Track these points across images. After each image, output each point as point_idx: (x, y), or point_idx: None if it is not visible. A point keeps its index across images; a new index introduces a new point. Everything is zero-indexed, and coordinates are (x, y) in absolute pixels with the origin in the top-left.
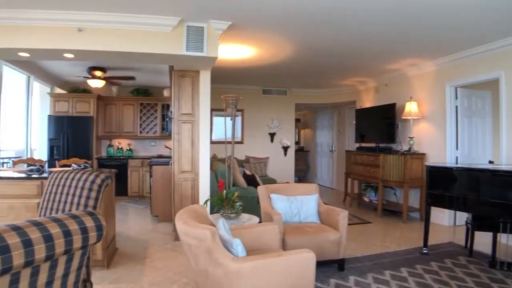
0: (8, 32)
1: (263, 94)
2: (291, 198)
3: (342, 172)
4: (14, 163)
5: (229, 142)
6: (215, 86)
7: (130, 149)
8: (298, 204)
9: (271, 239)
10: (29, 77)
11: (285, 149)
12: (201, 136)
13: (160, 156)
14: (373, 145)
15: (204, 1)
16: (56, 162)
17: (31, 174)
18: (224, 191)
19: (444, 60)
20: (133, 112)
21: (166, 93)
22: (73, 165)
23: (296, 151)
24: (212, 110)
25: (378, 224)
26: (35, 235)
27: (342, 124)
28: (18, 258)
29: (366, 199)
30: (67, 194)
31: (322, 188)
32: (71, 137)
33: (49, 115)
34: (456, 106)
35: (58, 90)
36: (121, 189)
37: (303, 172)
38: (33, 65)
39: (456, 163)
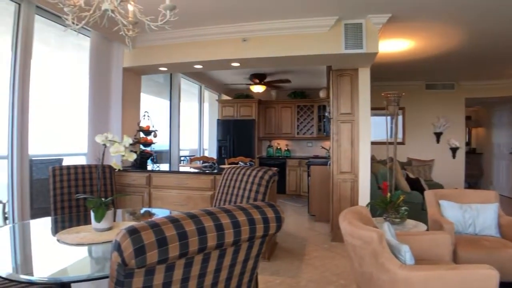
0: (188, 48)
1: (426, 90)
2: (464, 206)
3: None
4: (191, 160)
5: (391, 143)
6: (374, 84)
7: (288, 150)
8: (473, 213)
9: (441, 249)
10: (200, 87)
11: (453, 150)
12: (361, 136)
13: (316, 157)
14: None
15: None
16: (225, 160)
17: (205, 170)
18: (388, 194)
19: None
20: (291, 114)
21: (322, 94)
22: (240, 163)
23: (467, 153)
24: (370, 109)
25: None
26: (225, 220)
27: None
28: (211, 240)
29: None
30: (238, 188)
31: (500, 198)
32: (236, 138)
33: (217, 119)
34: None
35: (225, 97)
36: (280, 187)
37: (475, 178)
38: (204, 75)
39: None
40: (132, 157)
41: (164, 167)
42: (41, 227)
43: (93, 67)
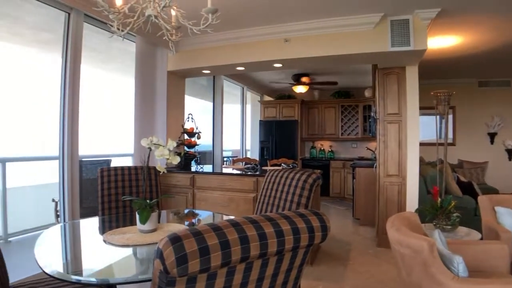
0: (230, 50)
1: (479, 87)
2: None
3: None
4: (233, 162)
5: (441, 144)
6: (421, 82)
7: (331, 151)
8: None
9: (497, 260)
10: (243, 88)
11: (510, 152)
12: (409, 137)
13: (361, 158)
14: None
15: None
16: (268, 161)
17: (248, 172)
18: (438, 199)
19: None
20: (334, 114)
21: (367, 93)
22: (282, 164)
23: None
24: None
25: None
26: (269, 229)
27: None
28: (254, 249)
29: None
30: (282, 191)
31: None
32: (278, 139)
33: (260, 120)
34: None
35: (267, 98)
36: (323, 189)
37: None
38: (246, 77)
39: None
40: (176, 160)
41: (207, 168)
42: (89, 226)
43: (138, 71)
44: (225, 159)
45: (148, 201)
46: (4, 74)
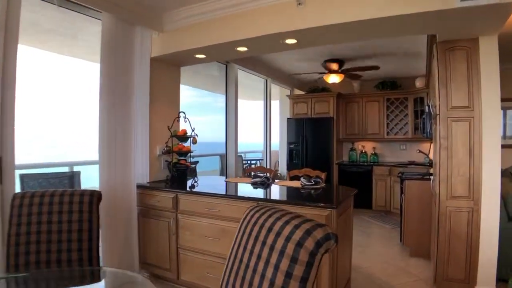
0: (227, 24)
1: None
2: None
3: None
4: (245, 172)
5: None
6: (503, 67)
7: (375, 154)
8: None
9: None
10: (266, 81)
11: None
12: (486, 141)
13: (411, 163)
14: None
15: None
16: (287, 173)
17: (257, 186)
18: None
19: None
20: (378, 110)
21: (419, 83)
22: (302, 179)
23: None
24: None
25: None
26: None
27: None
28: None
29: None
30: (259, 256)
31: None
32: (310, 140)
33: (288, 118)
34: None
35: (298, 92)
36: (365, 200)
37: None
38: (268, 66)
39: None
40: None
41: (204, 183)
42: None
43: (106, 58)
44: (254, 162)
45: None
46: None
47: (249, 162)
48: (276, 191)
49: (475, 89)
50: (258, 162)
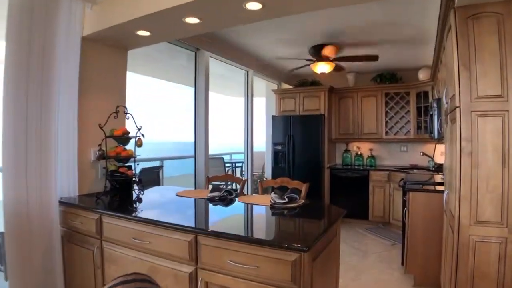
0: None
1: None
2: None
3: None
4: (208, 180)
5: None
6: None
7: (372, 156)
8: None
9: None
10: (247, 72)
11: None
12: None
13: (414, 167)
14: None
15: None
16: (259, 182)
17: (215, 203)
18: None
19: None
20: (376, 106)
21: (422, 75)
22: (272, 195)
23: None
24: None
25: None
26: None
27: None
28: None
29: None
30: None
31: None
32: (298, 140)
33: (273, 116)
34: None
35: (285, 87)
36: (360, 210)
37: None
38: (248, 54)
39: None
40: None
41: (151, 196)
42: None
43: (14, 37)
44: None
45: None
46: None
47: (234, 164)
48: (231, 214)
49: (510, 72)
50: (243, 165)
